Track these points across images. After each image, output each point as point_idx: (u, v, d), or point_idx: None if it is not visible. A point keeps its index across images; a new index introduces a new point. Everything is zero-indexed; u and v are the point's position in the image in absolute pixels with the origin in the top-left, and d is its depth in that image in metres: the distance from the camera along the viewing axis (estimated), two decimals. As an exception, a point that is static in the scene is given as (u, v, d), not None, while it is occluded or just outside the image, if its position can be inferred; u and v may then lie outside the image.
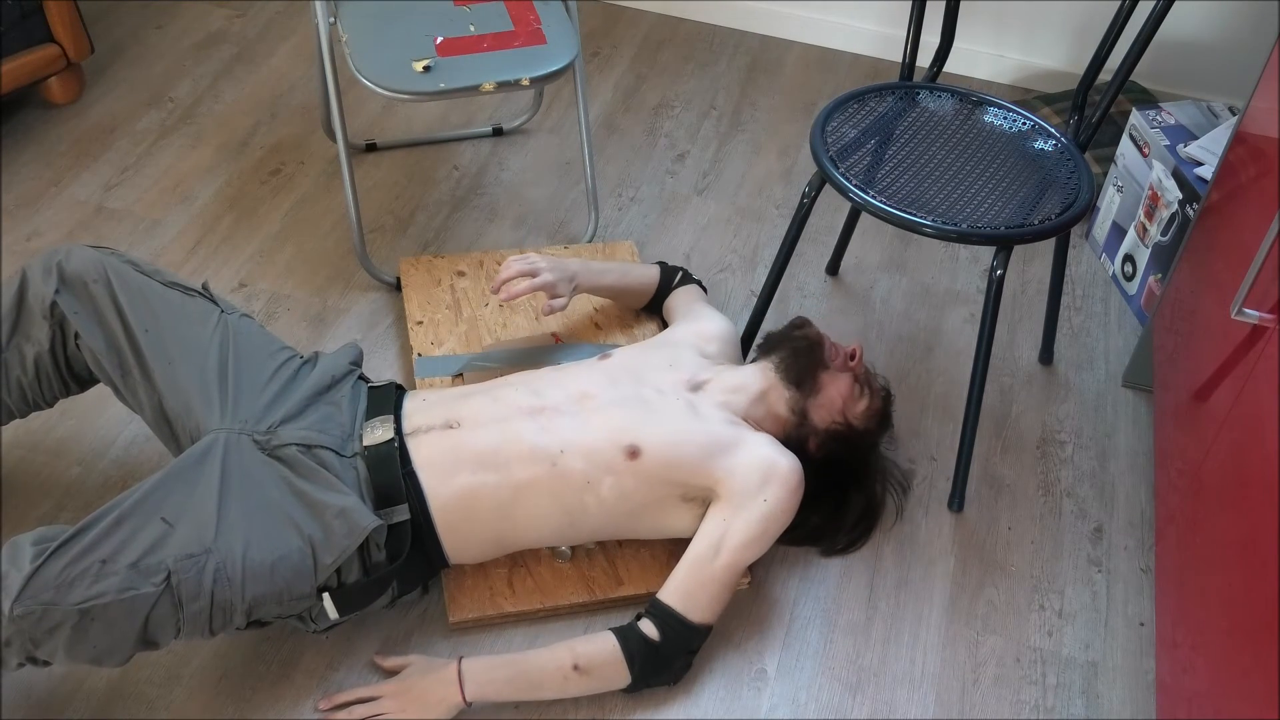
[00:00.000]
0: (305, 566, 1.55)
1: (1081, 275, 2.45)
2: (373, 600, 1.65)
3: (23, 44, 2.45)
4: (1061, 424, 2.15)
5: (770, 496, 1.70)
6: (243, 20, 2.94)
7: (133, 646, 1.49)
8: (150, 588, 1.45)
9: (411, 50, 2.06)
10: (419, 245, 2.39)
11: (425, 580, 1.73)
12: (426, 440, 1.70)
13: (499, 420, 1.72)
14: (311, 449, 1.63)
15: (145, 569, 1.46)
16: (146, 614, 1.46)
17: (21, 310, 1.68)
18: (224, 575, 1.50)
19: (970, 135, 2.00)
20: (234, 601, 1.51)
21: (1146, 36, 1.86)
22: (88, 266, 1.68)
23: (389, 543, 1.63)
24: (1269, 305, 1.49)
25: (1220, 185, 2.00)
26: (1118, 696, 1.77)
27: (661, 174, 2.61)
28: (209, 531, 1.51)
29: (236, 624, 1.55)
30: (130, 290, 1.68)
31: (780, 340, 1.89)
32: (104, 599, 1.43)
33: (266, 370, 1.71)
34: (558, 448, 1.69)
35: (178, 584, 1.47)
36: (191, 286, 1.75)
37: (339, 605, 1.61)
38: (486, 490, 1.68)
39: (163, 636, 1.50)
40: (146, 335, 1.66)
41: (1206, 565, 1.57)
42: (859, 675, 1.77)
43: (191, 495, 1.53)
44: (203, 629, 1.52)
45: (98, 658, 1.48)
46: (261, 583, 1.52)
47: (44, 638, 1.43)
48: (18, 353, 1.69)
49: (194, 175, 2.50)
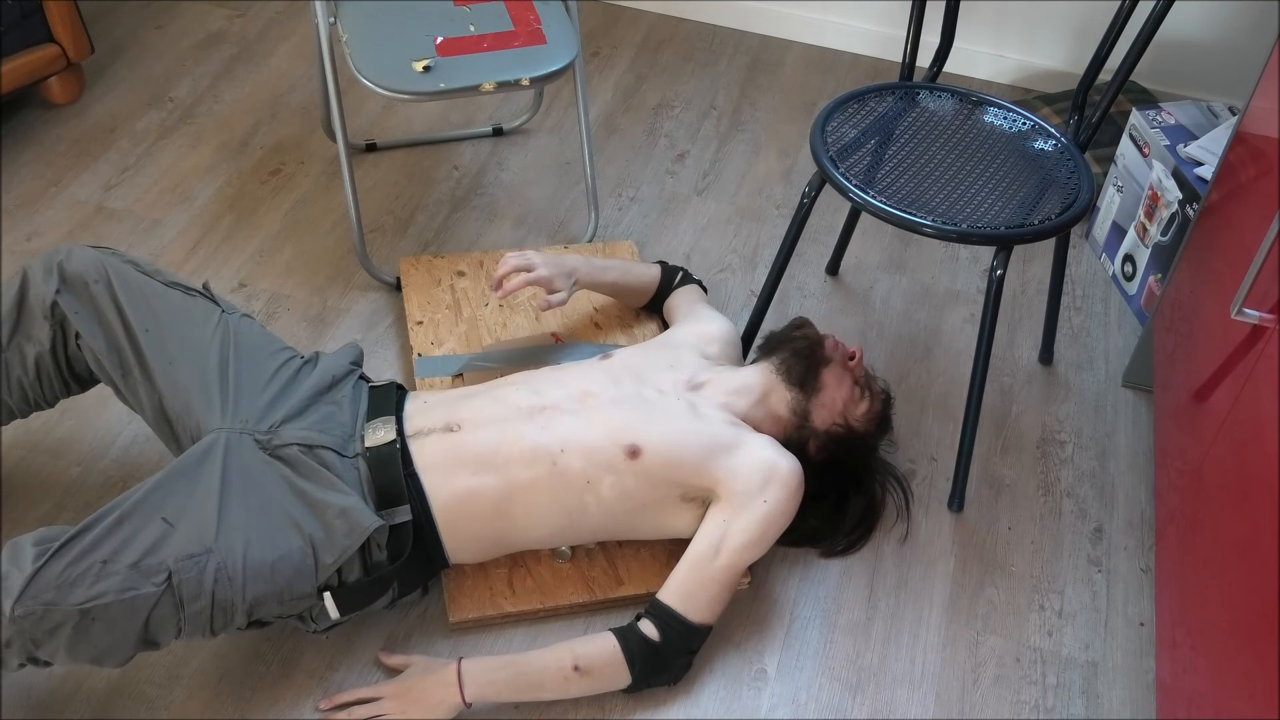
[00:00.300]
0: (306, 566, 1.55)
1: (1081, 275, 2.45)
2: (374, 600, 1.65)
3: (23, 44, 2.45)
4: (1061, 424, 2.15)
5: (770, 497, 1.70)
6: (243, 20, 2.94)
7: (134, 646, 1.49)
8: (151, 588, 1.45)
9: (411, 50, 2.06)
10: (419, 245, 2.39)
11: (426, 581, 1.73)
12: (428, 442, 1.70)
13: (499, 420, 1.72)
14: (313, 449, 1.63)
15: (146, 569, 1.46)
16: (147, 614, 1.46)
17: (22, 310, 1.68)
18: (225, 575, 1.50)
19: (970, 135, 2.00)
20: (235, 601, 1.51)
21: (1146, 36, 1.86)
22: (88, 266, 1.68)
23: (390, 543, 1.63)
24: (1269, 305, 1.49)
25: (1220, 185, 2.00)
26: (1118, 696, 1.77)
27: (661, 174, 2.61)
28: (210, 531, 1.51)
29: (237, 624, 1.55)
30: (131, 290, 1.69)
31: (781, 341, 1.89)
32: (105, 599, 1.43)
33: (267, 370, 1.71)
34: (558, 447, 1.69)
35: (179, 584, 1.47)
36: (192, 286, 1.75)
37: (340, 604, 1.61)
38: (487, 491, 1.68)
39: (163, 636, 1.50)
40: (147, 335, 1.67)
41: (1206, 565, 1.57)
42: (859, 675, 1.77)
43: (192, 495, 1.53)
44: (204, 629, 1.52)
45: (98, 658, 1.48)
46: (262, 582, 1.52)
47: (45, 638, 1.43)
48: (19, 352, 1.69)
49: (194, 175, 2.50)
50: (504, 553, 1.78)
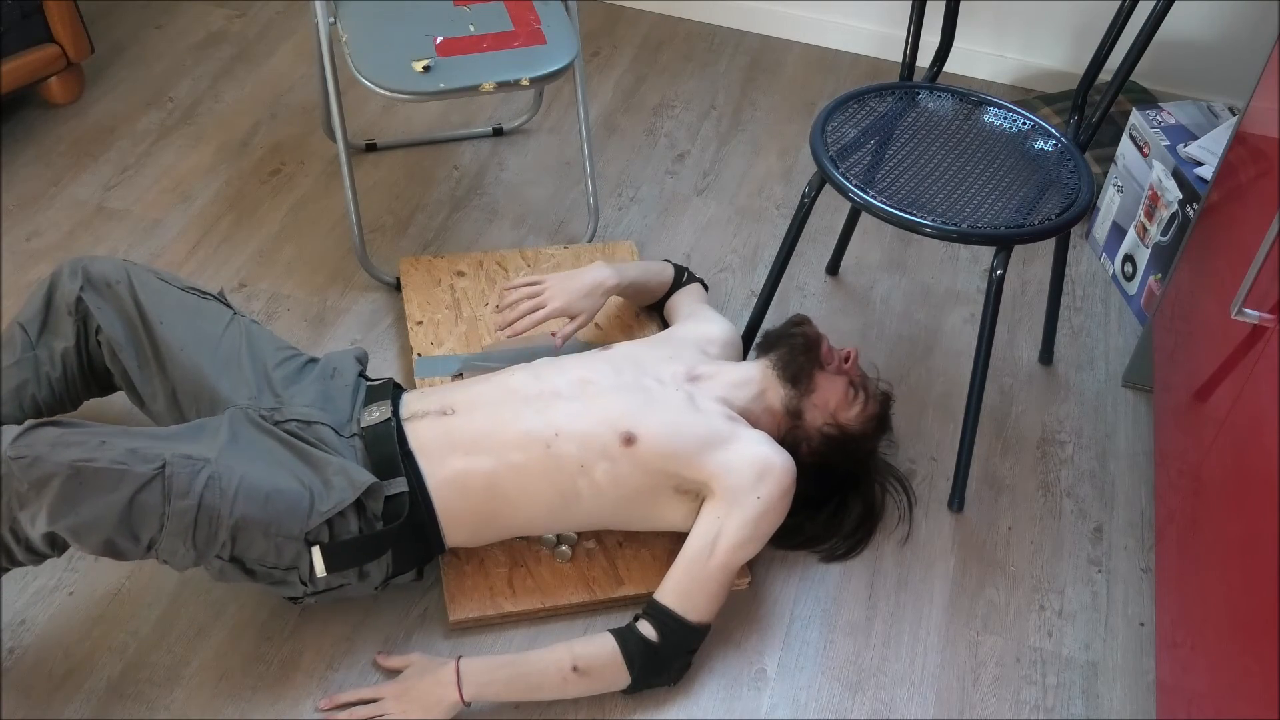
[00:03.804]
0: (300, 507, 1.58)
1: (1081, 275, 2.45)
2: (364, 559, 1.64)
3: (23, 44, 2.45)
4: (1061, 424, 2.15)
5: (764, 493, 1.70)
6: (243, 20, 2.94)
7: (113, 529, 1.48)
8: (144, 468, 1.48)
9: (411, 50, 2.06)
10: (419, 245, 2.39)
11: (421, 564, 1.73)
12: (423, 424, 1.74)
13: (495, 404, 1.76)
14: (311, 424, 1.68)
15: (143, 455, 1.50)
16: (133, 493, 1.47)
17: (50, 309, 1.78)
18: (217, 485, 1.52)
19: (970, 135, 2.00)
20: (222, 514, 1.52)
21: (1146, 36, 1.86)
22: (111, 270, 1.77)
23: (386, 514, 1.65)
24: (1269, 305, 1.49)
25: (1220, 185, 2.00)
26: (1118, 696, 1.77)
27: (661, 174, 2.61)
28: (211, 453, 1.55)
29: (219, 549, 1.55)
30: (149, 290, 1.77)
31: (779, 338, 1.90)
32: (97, 464, 1.46)
33: (273, 361, 1.79)
34: (552, 431, 1.71)
35: (170, 475, 1.50)
36: (209, 292, 1.84)
37: (329, 560, 1.61)
38: (481, 470, 1.70)
39: (144, 530, 1.50)
40: (162, 326, 1.75)
41: (1206, 565, 1.57)
42: (859, 675, 1.77)
43: (198, 440, 1.59)
44: (185, 536, 1.51)
45: (77, 530, 1.47)
46: (253, 505, 1.54)
47: (31, 495, 1.45)
48: (47, 349, 1.78)
49: (194, 175, 2.50)
50: (499, 536, 1.78)
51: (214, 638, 1.73)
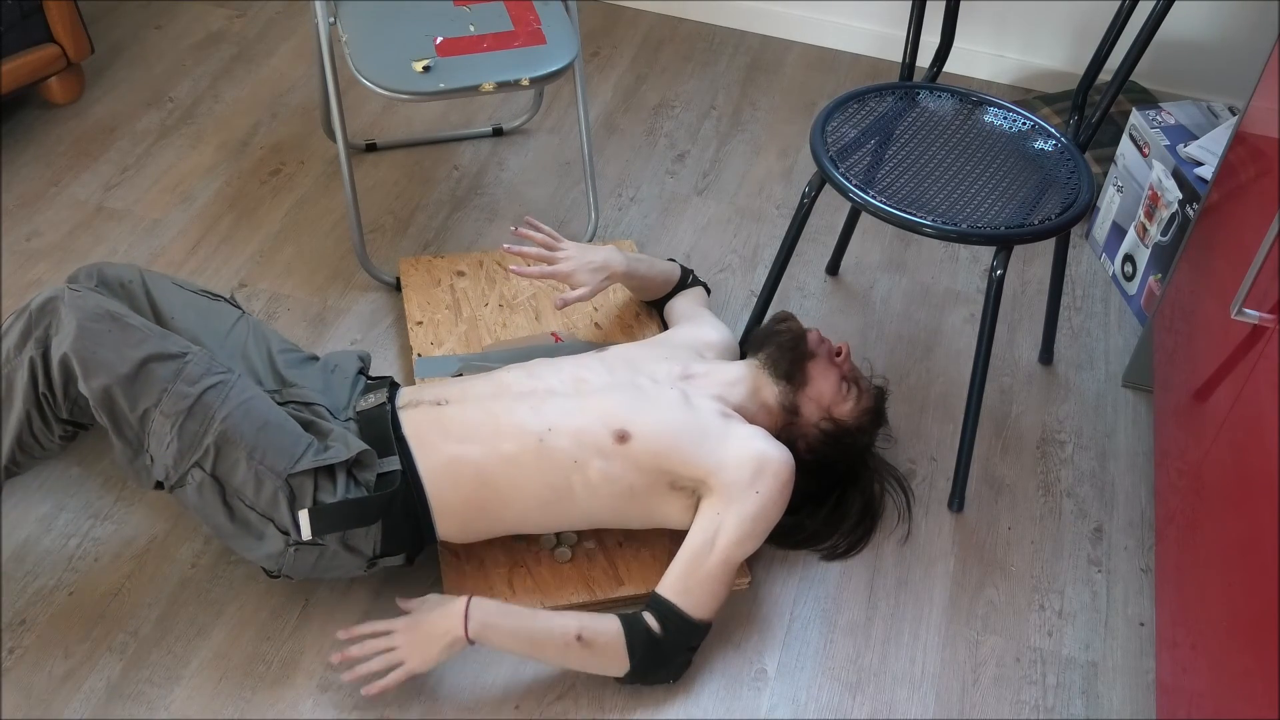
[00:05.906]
0: (292, 449, 1.64)
1: (1081, 275, 2.45)
2: (353, 524, 1.66)
3: (23, 44, 2.45)
4: (1061, 424, 2.15)
5: (763, 489, 1.71)
6: (243, 20, 2.94)
7: (117, 380, 1.58)
8: (170, 347, 1.63)
9: (411, 50, 2.06)
10: (419, 245, 2.39)
11: (410, 547, 1.73)
12: (416, 413, 1.77)
13: (488, 398, 1.78)
14: (309, 405, 1.75)
15: (171, 340, 1.64)
16: (150, 357, 1.60)
17: None
18: (225, 390, 1.63)
19: (970, 135, 2.00)
20: (214, 414, 1.60)
21: (1146, 36, 1.86)
22: (125, 272, 1.82)
23: (378, 488, 1.68)
24: (1269, 305, 1.49)
25: (1220, 185, 2.01)
26: (1118, 696, 1.77)
27: (661, 174, 2.61)
28: (235, 373, 1.67)
29: (202, 454, 1.60)
30: (161, 288, 1.83)
31: (765, 336, 1.91)
32: (130, 320, 1.63)
33: (278, 352, 1.85)
34: (545, 426, 1.72)
35: (188, 361, 1.62)
36: (219, 294, 1.89)
37: (316, 522, 1.63)
38: (471, 459, 1.71)
39: (143, 398, 1.59)
40: (173, 321, 1.79)
41: (1206, 565, 1.57)
42: (859, 675, 1.77)
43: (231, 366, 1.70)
44: (175, 420, 1.59)
45: (87, 364, 1.58)
46: (248, 424, 1.62)
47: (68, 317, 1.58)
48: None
49: (194, 175, 2.50)
50: (492, 531, 1.78)
51: (214, 638, 1.73)
